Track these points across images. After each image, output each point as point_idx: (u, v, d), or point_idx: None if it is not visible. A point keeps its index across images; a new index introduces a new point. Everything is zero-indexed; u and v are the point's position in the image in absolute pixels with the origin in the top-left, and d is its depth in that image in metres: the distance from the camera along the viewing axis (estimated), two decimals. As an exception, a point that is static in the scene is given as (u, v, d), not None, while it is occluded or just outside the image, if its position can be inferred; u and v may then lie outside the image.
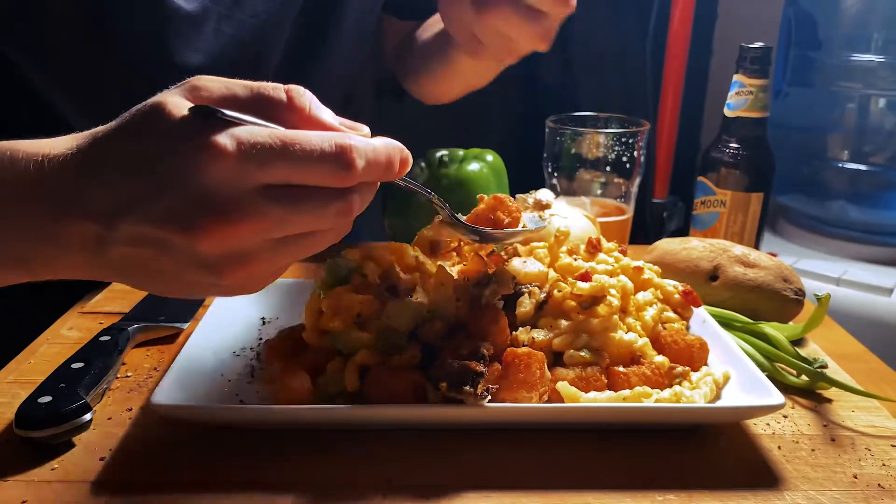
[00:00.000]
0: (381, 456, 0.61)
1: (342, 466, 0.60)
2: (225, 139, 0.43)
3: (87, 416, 0.62)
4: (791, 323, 0.87)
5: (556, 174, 1.09)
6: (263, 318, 0.83)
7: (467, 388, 0.59)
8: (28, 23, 0.81)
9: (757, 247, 1.08)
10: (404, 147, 0.51)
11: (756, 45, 1.02)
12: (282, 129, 0.46)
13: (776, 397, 0.62)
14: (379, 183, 0.51)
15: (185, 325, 0.82)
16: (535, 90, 1.77)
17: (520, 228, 0.71)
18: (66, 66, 0.84)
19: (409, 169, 0.51)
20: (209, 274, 0.47)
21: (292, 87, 0.47)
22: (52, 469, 0.59)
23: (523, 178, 1.03)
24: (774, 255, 1.44)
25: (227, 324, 0.78)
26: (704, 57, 1.89)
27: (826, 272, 1.37)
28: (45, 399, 0.62)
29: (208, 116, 0.44)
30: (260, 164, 0.43)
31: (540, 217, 0.72)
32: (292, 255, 0.49)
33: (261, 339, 0.78)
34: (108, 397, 0.69)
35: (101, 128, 0.48)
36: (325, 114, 0.48)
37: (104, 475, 0.58)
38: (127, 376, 0.74)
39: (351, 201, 0.47)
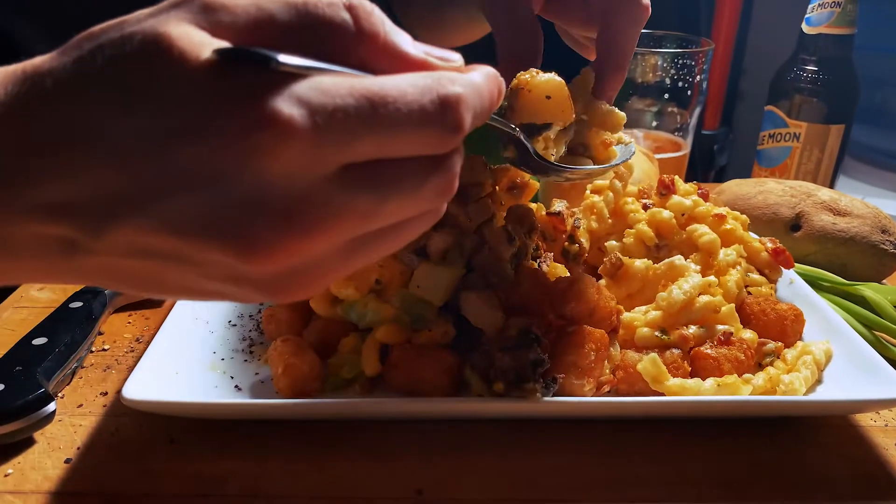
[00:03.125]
0: (408, 460, 0.50)
1: (360, 473, 0.48)
2: (291, 108, 0.28)
3: (50, 408, 0.51)
4: (886, 282, 0.74)
5: (601, 103, 0.94)
6: (265, 278, 0.71)
7: (529, 384, 0.47)
8: None
9: (832, 187, 0.94)
10: (496, 71, 0.36)
11: (847, -55, 0.85)
12: (362, 76, 0.30)
13: (901, 386, 0.49)
14: None
15: (174, 286, 0.70)
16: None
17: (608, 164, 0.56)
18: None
19: (502, 98, 0.37)
20: (254, 292, 0.33)
21: (356, 2, 0.31)
22: (6, 475, 0.48)
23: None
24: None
25: (222, 285, 0.66)
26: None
27: (894, 213, 1.22)
28: (-3, 387, 0.50)
29: (251, 63, 0.27)
30: (342, 139, 0.29)
31: (623, 143, 0.57)
32: (371, 255, 0.35)
33: (261, 303, 0.66)
34: (80, 377, 0.58)
35: (41, 66, 0.29)
36: (405, 40, 0.32)
37: (67, 483, 0.47)
38: (104, 349, 0.62)
39: (453, 168, 0.33)
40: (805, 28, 0.90)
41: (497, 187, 0.66)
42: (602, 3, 0.53)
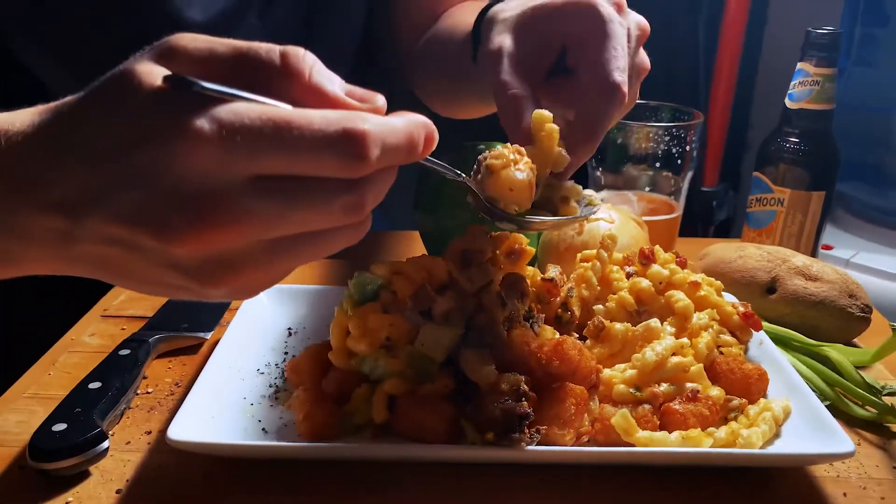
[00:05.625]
0: (411, 497, 0.57)
1: (369, 508, 0.56)
2: (203, 122, 0.36)
3: (104, 445, 0.59)
4: (857, 341, 0.81)
5: (599, 168, 1.02)
6: (290, 329, 0.79)
7: (516, 435, 0.54)
8: None
9: (815, 249, 1.01)
10: (429, 121, 0.42)
11: (824, 29, 0.93)
12: (277, 105, 0.38)
13: (844, 443, 0.56)
14: (397, 167, 0.42)
15: (209, 335, 0.79)
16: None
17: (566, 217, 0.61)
18: (61, 30, 0.81)
19: (434, 147, 0.43)
20: (190, 280, 0.40)
21: (290, 48, 0.39)
22: (67, 502, 0.56)
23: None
24: (830, 248, 1.36)
25: (252, 335, 0.74)
26: (757, 29, 1.77)
27: (887, 268, 1.29)
28: (60, 427, 0.59)
29: (184, 89, 0.36)
30: (249, 152, 0.36)
31: (589, 203, 0.63)
32: (293, 258, 0.41)
33: (286, 353, 0.74)
34: (128, 417, 0.66)
35: (66, 99, 0.40)
36: (330, 82, 0.40)
37: (119, 512, 0.55)
38: (147, 392, 0.71)
39: (362, 193, 0.39)
40: (788, 103, 0.97)
41: (497, 252, 0.75)
42: (586, 81, 0.59)
